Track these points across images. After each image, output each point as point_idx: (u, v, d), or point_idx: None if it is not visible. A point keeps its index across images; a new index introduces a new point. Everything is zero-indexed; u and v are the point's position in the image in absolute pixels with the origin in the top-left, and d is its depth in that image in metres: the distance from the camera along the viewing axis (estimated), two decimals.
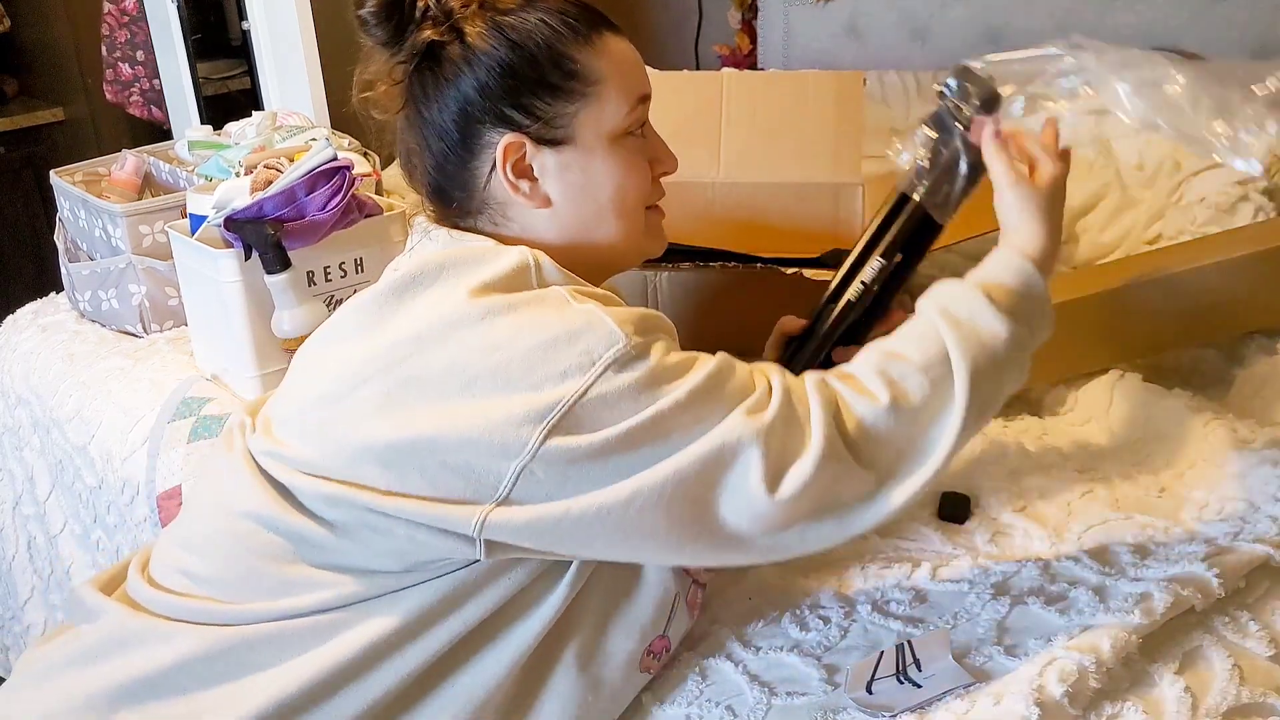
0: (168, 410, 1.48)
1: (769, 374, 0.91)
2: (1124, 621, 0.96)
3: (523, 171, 0.97)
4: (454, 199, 1.00)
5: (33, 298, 1.94)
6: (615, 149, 0.98)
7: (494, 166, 0.97)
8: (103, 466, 1.52)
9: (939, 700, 0.92)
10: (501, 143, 0.96)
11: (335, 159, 1.41)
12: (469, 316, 0.86)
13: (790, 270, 1.46)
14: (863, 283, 1.09)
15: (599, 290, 0.93)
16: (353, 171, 1.43)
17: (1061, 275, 1.73)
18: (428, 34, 0.95)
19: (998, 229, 1.43)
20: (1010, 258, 0.97)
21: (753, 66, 3.22)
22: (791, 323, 1.15)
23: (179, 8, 2.39)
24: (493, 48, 0.95)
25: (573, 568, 0.92)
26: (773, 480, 0.85)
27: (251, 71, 2.45)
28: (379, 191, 1.69)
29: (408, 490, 0.86)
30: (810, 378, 0.91)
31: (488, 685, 0.90)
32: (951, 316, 0.92)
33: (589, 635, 0.94)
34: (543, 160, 0.97)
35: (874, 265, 1.09)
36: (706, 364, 0.88)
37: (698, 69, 3.41)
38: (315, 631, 0.89)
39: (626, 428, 0.83)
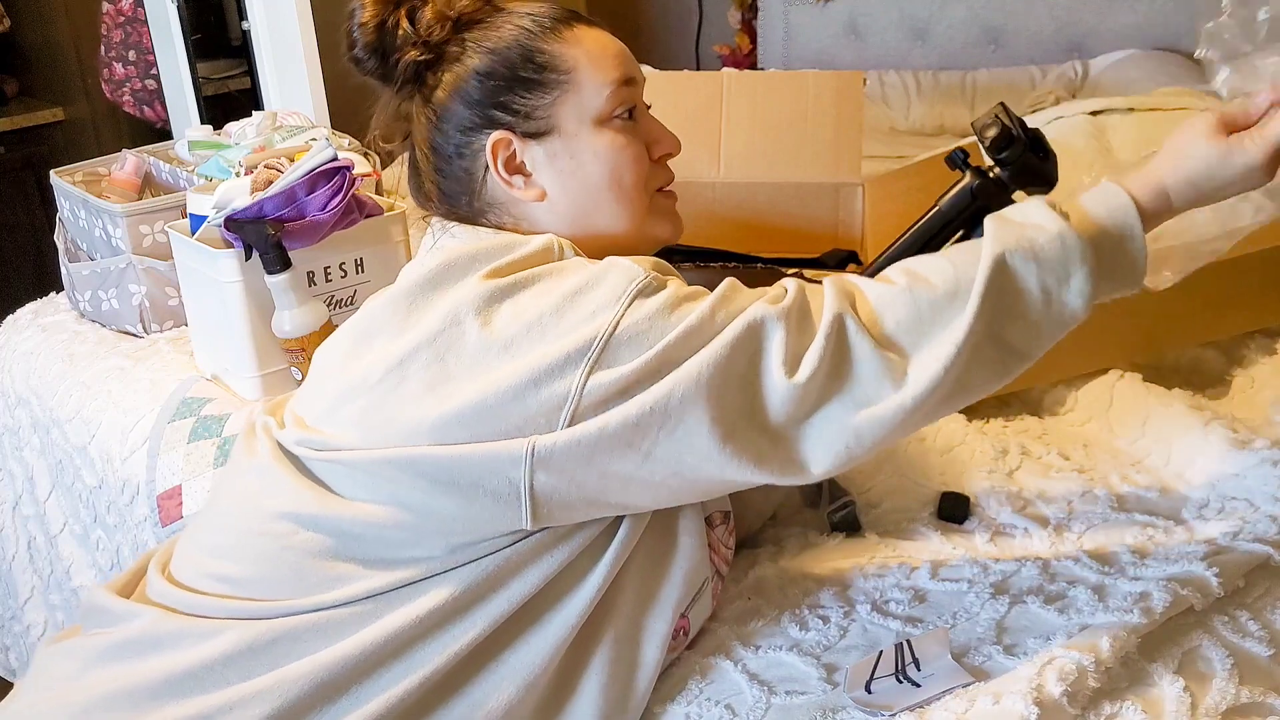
0: (168, 410, 1.48)
1: (783, 282, 0.94)
2: (1123, 621, 0.96)
3: (515, 168, 1.00)
4: (460, 206, 1.03)
5: (33, 298, 1.94)
6: (601, 133, 1.00)
7: (488, 168, 1.00)
8: (103, 466, 1.52)
9: (938, 699, 0.92)
10: (488, 142, 0.99)
11: (335, 159, 1.41)
12: (498, 292, 0.89)
13: (790, 270, 1.45)
14: None
15: None
16: (353, 171, 1.43)
17: None
18: (410, 55, 0.99)
19: None
20: (1110, 186, 0.92)
21: (753, 66, 3.22)
22: None
23: (179, 8, 2.39)
24: (468, 58, 0.99)
25: (613, 545, 0.93)
26: (791, 363, 0.87)
27: (251, 71, 2.45)
28: (379, 191, 1.69)
29: (454, 441, 0.88)
30: (829, 277, 0.94)
31: (534, 666, 0.91)
32: (1002, 216, 0.92)
33: (628, 614, 0.95)
34: (531, 154, 1.00)
35: None
36: (721, 285, 0.92)
37: (698, 69, 3.41)
38: (360, 616, 0.90)
39: (662, 346, 0.86)
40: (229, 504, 1.00)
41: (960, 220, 1.08)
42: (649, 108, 1.06)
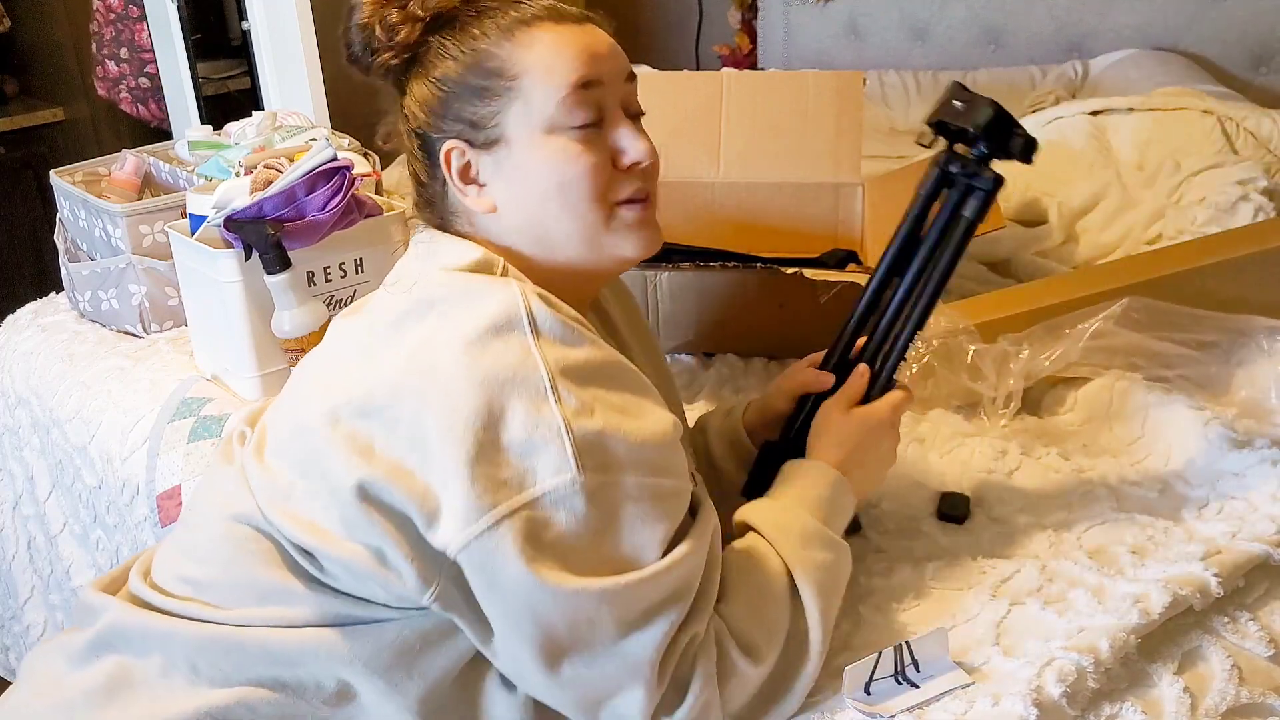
0: (167, 410, 1.48)
1: (705, 586, 0.90)
2: (1122, 621, 0.96)
3: (469, 178, 0.96)
4: (434, 212, 1.01)
5: (33, 298, 1.94)
6: (550, 142, 0.93)
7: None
8: (102, 466, 1.52)
9: (936, 700, 0.92)
10: (441, 151, 0.95)
11: (335, 159, 1.41)
12: (446, 376, 0.84)
13: (790, 270, 1.46)
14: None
15: (608, 358, 0.89)
16: (352, 171, 1.43)
17: (1062, 276, 1.73)
18: (384, 58, 0.96)
19: (998, 225, 1.43)
20: (824, 470, 1.03)
21: (753, 66, 3.22)
22: (816, 378, 1.12)
23: (179, 8, 2.39)
24: (432, 63, 0.95)
25: None
26: None
27: (251, 71, 2.45)
28: (379, 191, 1.69)
29: (363, 541, 0.86)
30: (710, 635, 0.90)
31: None
32: (796, 553, 0.96)
33: None
34: (482, 164, 0.95)
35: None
36: (645, 569, 0.85)
37: (698, 69, 3.42)
38: (308, 646, 0.89)
39: (538, 581, 0.82)
40: (205, 507, 1.00)
41: (938, 196, 1.09)
42: (642, 115, 1.00)
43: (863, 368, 1.09)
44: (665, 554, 0.86)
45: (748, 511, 1.01)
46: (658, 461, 0.87)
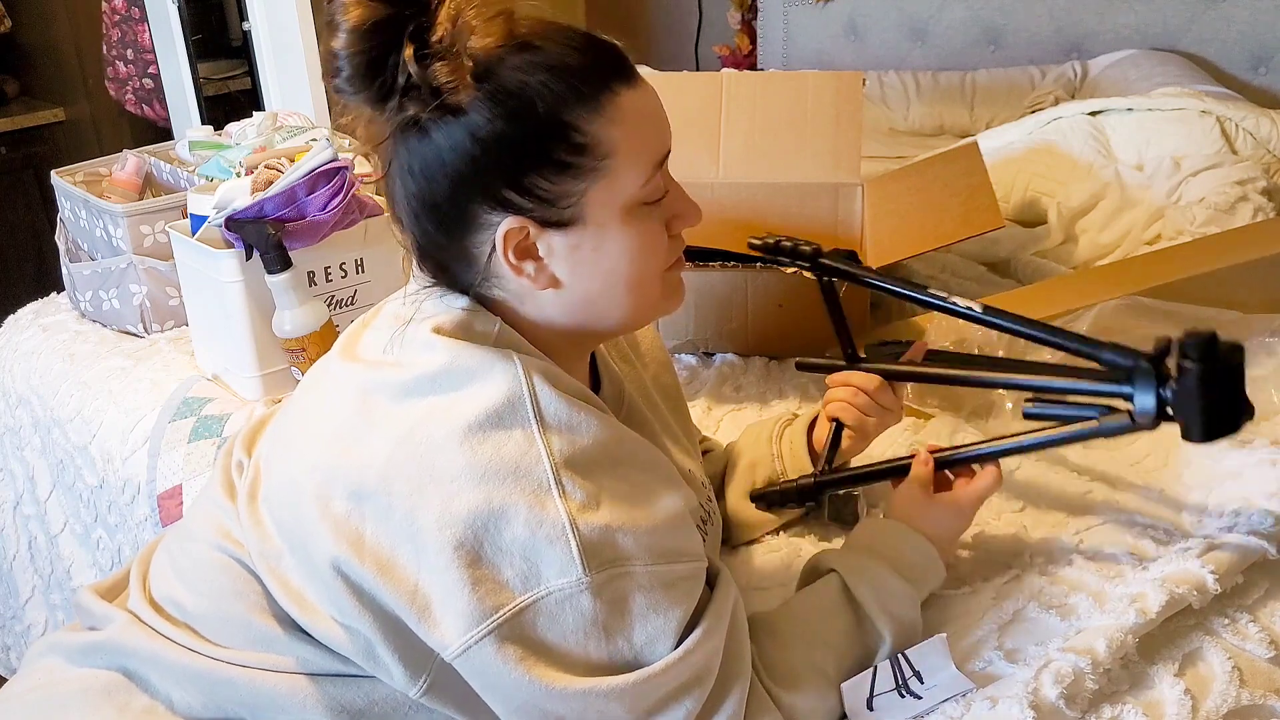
0: (168, 410, 1.48)
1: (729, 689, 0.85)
2: (1119, 622, 0.96)
3: (527, 253, 0.85)
4: (449, 269, 0.88)
5: (34, 298, 1.95)
6: (630, 221, 0.86)
7: (495, 248, 0.85)
8: (103, 466, 1.52)
9: (936, 707, 0.92)
10: (501, 229, 0.83)
11: (336, 159, 1.41)
12: (443, 468, 0.79)
13: (790, 270, 1.46)
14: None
15: (613, 438, 0.84)
16: (353, 172, 1.43)
17: (1062, 278, 1.74)
18: (412, 111, 0.80)
19: (998, 225, 1.43)
20: (921, 542, 1.02)
21: (753, 67, 3.23)
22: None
23: (179, 8, 2.39)
24: (487, 120, 0.80)
25: None
26: None
27: (252, 72, 2.46)
28: (379, 192, 1.69)
29: (351, 627, 0.84)
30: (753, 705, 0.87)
31: None
32: (893, 620, 0.96)
33: None
34: (549, 242, 0.85)
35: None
36: (655, 664, 0.81)
37: (698, 69, 3.42)
38: (294, 692, 0.87)
39: (544, 685, 0.78)
40: (202, 526, 0.98)
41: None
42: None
43: (926, 457, 1.07)
44: (681, 639, 0.82)
45: (864, 584, 0.97)
46: (669, 547, 0.82)
